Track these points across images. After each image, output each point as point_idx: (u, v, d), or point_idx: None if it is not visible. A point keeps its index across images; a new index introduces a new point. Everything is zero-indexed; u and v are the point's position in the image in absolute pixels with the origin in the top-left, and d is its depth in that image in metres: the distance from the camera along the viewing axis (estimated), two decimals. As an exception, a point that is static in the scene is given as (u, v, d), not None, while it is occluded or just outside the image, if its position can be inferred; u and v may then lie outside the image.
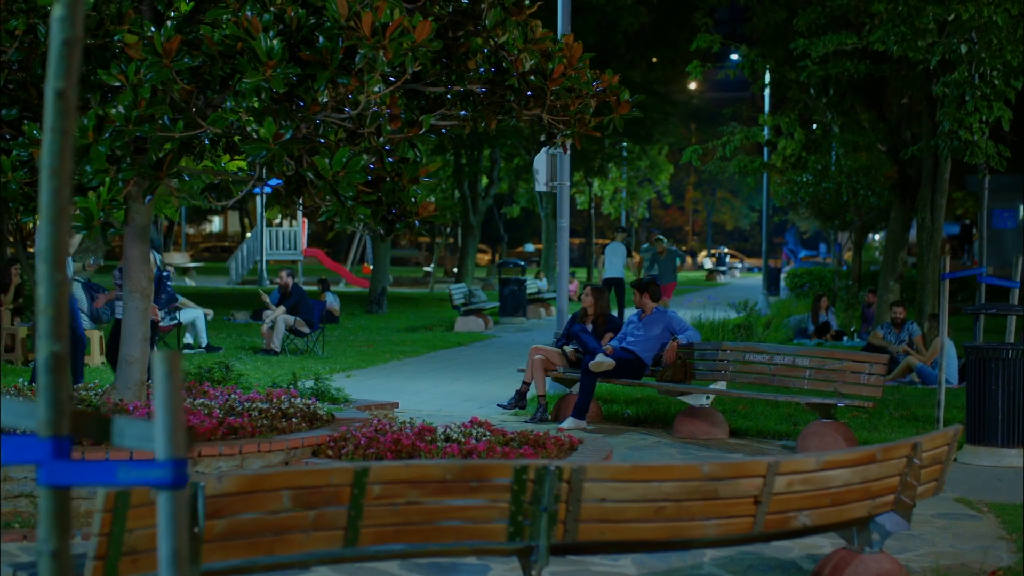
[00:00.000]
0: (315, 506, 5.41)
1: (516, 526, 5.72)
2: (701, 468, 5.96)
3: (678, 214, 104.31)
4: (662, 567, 7.40)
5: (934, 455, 6.77)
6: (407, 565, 7.24)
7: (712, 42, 19.80)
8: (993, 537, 8.38)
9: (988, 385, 11.06)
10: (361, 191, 8.57)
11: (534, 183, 16.25)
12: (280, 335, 20.40)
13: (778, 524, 6.22)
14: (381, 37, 7.79)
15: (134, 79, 7.99)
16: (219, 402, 9.87)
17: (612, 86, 9.63)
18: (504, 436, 9.60)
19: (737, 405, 14.25)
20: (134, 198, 9.59)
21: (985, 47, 12.19)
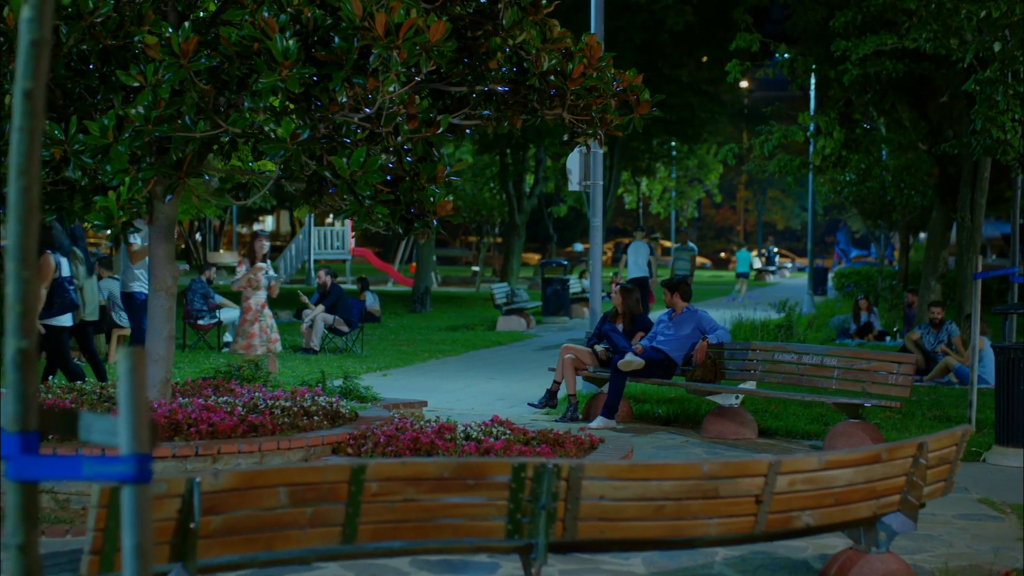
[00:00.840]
0: (312, 503, 5.45)
1: (515, 524, 5.74)
2: (701, 467, 5.96)
3: (730, 214, 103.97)
4: (672, 566, 7.39)
5: (941, 455, 6.73)
6: (417, 563, 7.27)
7: (751, 41, 19.73)
8: (1012, 539, 8.33)
9: (1017, 386, 10.97)
10: (379, 190, 8.62)
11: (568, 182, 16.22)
12: (319, 334, 20.52)
13: (781, 523, 6.21)
14: (395, 37, 7.83)
15: (152, 79, 8.07)
16: (243, 400, 9.95)
17: (632, 86, 9.62)
18: (525, 435, 9.62)
19: (769, 405, 14.21)
20: (158, 198, 9.70)
21: (1018, 45, 12.09)
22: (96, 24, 8.46)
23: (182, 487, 5.15)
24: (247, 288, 14.68)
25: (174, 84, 8.17)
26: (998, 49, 12.37)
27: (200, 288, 20.44)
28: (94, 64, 8.77)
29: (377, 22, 7.76)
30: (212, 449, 8.70)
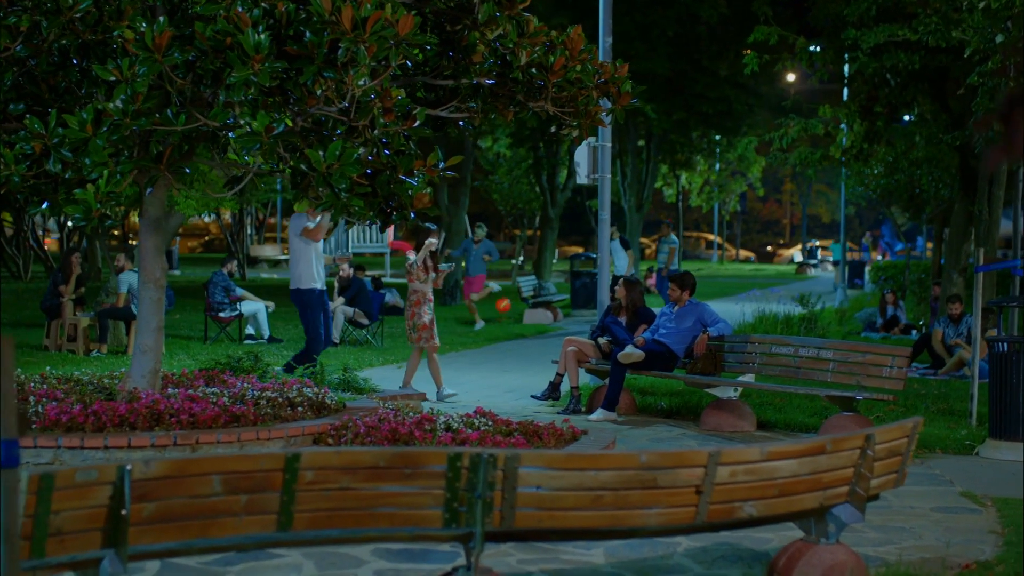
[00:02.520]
0: (247, 491, 5.53)
1: (452, 513, 5.80)
2: (639, 457, 6.00)
3: (775, 207, 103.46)
4: (633, 556, 7.43)
5: (891, 447, 6.73)
6: (379, 551, 7.35)
7: (769, 34, 19.67)
8: (984, 531, 8.30)
9: (1010, 379, 10.92)
10: (356, 183, 8.69)
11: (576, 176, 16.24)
12: (339, 326, 20.64)
13: (723, 514, 6.24)
14: (362, 31, 7.90)
15: (128, 73, 8.18)
16: (234, 391, 10.07)
17: (614, 77, 9.65)
18: (508, 426, 9.67)
19: (774, 398, 14.19)
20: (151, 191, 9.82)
21: (1019, 36, 12.01)
22: (76, 19, 8.58)
23: (113, 474, 5.24)
24: (415, 280, 14.43)
25: (151, 78, 8.27)
26: (1000, 41, 12.30)
27: (221, 281, 20.61)
28: (75, 59, 8.89)
29: (344, 16, 7.84)
30: (191, 439, 8.83)
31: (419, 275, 14.31)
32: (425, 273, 14.32)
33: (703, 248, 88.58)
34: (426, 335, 14.25)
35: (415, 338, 14.33)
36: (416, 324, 14.30)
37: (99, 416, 8.95)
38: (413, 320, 14.33)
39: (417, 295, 14.35)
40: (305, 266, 14.18)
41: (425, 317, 14.29)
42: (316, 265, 14.23)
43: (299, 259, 14.19)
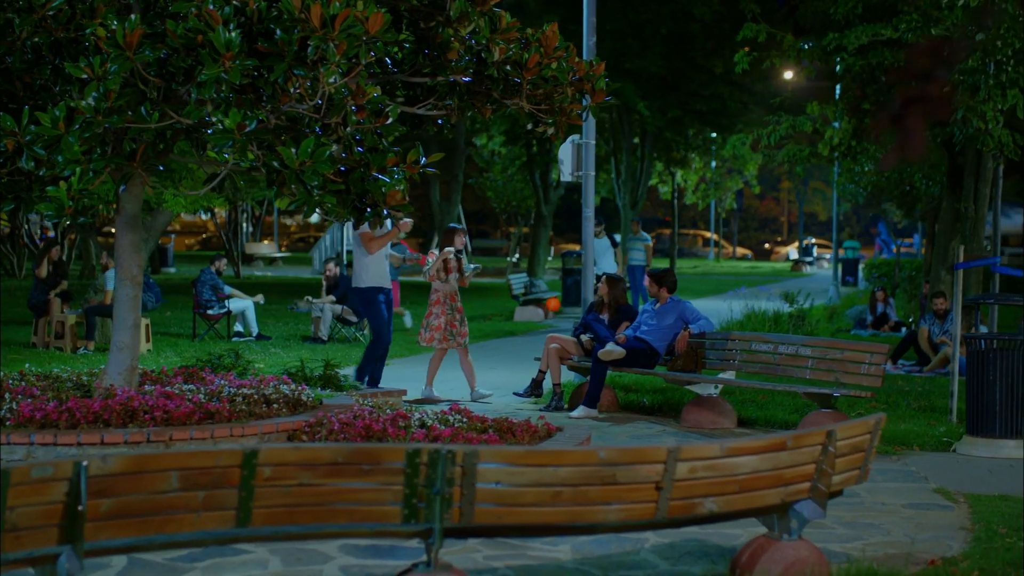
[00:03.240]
0: (205, 487, 5.55)
1: (411, 509, 5.82)
2: (598, 453, 6.03)
3: (773, 205, 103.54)
4: (599, 552, 7.46)
5: (853, 443, 6.76)
6: (346, 547, 7.38)
7: (758, 32, 19.68)
8: (954, 527, 8.32)
9: (987, 376, 10.95)
10: (329, 180, 8.71)
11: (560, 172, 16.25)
12: (327, 324, 20.68)
13: (683, 510, 6.26)
14: (331, 29, 7.92)
15: (100, 71, 8.20)
16: (212, 388, 10.09)
17: (589, 74, 9.67)
18: (483, 423, 9.69)
19: (757, 395, 14.22)
20: (126, 188, 9.84)
21: (998, 35, 12.03)
22: (48, 17, 8.60)
23: (69, 471, 5.26)
24: (435, 279, 14.22)
25: (123, 75, 8.29)
26: (980, 38, 12.32)
27: (209, 279, 20.64)
28: (47, 56, 8.91)
29: (313, 14, 7.86)
30: (164, 436, 8.85)
31: (440, 275, 14.16)
32: (447, 273, 14.17)
33: (700, 245, 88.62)
34: (439, 336, 14.13)
35: (426, 338, 14.25)
36: (429, 324, 14.20)
37: (73, 413, 8.97)
38: (427, 320, 14.25)
39: (436, 295, 14.22)
40: (363, 265, 13.78)
41: (439, 319, 14.12)
42: (379, 264, 13.82)
43: (359, 258, 13.81)
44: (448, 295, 14.14)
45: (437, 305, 14.13)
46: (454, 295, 14.22)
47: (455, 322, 14.14)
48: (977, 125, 12.51)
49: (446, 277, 14.08)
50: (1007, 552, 7.52)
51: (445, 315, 14.06)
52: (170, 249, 49.50)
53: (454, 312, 14.16)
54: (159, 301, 19.04)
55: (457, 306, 14.24)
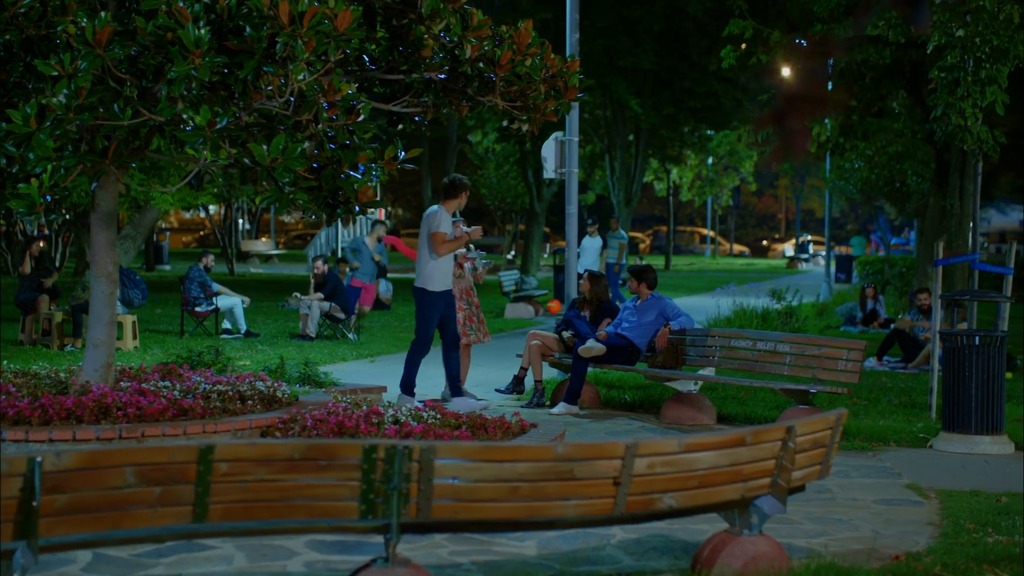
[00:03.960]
0: (161, 483, 5.57)
1: (368, 504, 5.85)
2: (555, 449, 6.05)
3: (772, 201, 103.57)
4: (565, 548, 7.48)
5: (815, 439, 6.79)
6: (313, 544, 7.40)
7: (744, 28, 19.69)
8: (923, 523, 8.34)
9: (962, 372, 10.97)
10: (300, 177, 8.73)
11: (544, 169, 16.26)
12: (315, 321, 20.71)
13: (642, 505, 6.29)
14: (299, 25, 7.94)
15: (70, 69, 8.22)
16: (188, 384, 10.11)
17: (561, 71, 9.69)
18: (457, 419, 9.71)
19: (738, 391, 14.25)
20: (101, 185, 9.86)
21: (977, 32, 12.04)
22: (19, 14, 8.61)
23: (23, 466, 5.28)
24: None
25: (94, 72, 8.30)
26: (961, 35, 12.33)
27: (197, 276, 20.67)
28: (18, 53, 8.92)
29: (281, 10, 7.88)
30: (136, 432, 8.87)
31: (455, 270, 13.92)
32: (459, 268, 14.02)
33: (697, 242, 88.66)
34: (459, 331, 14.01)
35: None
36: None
37: (46, 410, 8.98)
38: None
39: (452, 291, 14.10)
40: (431, 267, 12.98)
41: (457, 314, 13.86)
42: (446, 267, 13.10)
43: (425, 259, 13.03)
44: (464, 290, 14.04)
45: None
46: (470, 290, 14.12)
47: (472, 317, 14.07)
48: (956, 122, 12.53)
49: (459, 272, 13.98)
50: (972, 547, 7.54)
51: (463, 311, 13.95)
52: (165, 246, 49.53)
53: (471, 307, 14.09)
54: (145, 298, 19.05)
55: (474, 301, 14.15)
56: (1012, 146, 43.87)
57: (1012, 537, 7.80)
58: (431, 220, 12.97)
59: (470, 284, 14.10)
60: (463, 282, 14.02)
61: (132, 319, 18.53)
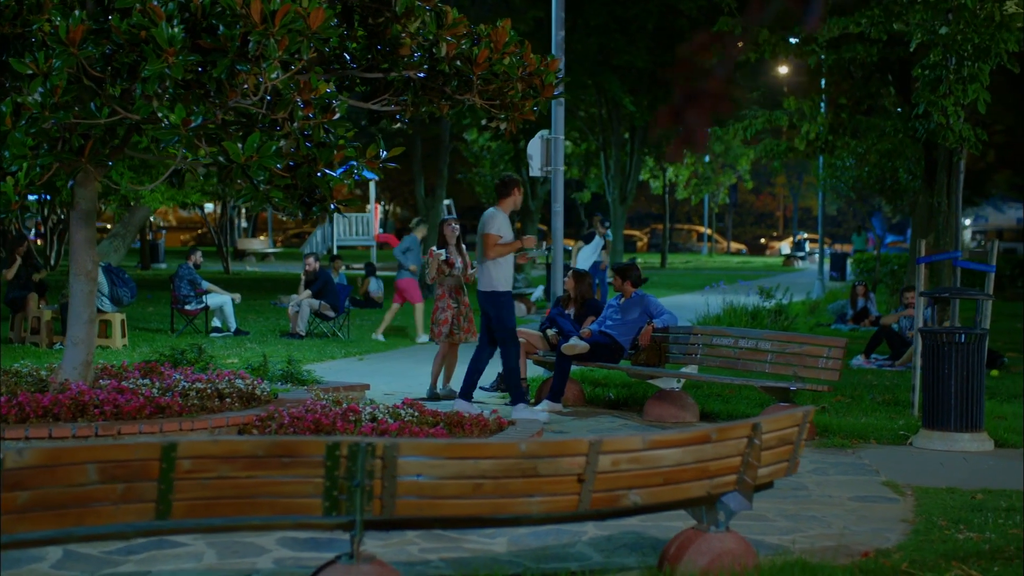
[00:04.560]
0: (123, 480, 5.59)
1: (332, 501, 5.86)
2: (518, 446, 6.07)
3: (770, 200, 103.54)
4: (535, 545, 7.50)
5: (781, 436, 6.80)
6: (284, 541, 7.42)
7: (733, 25, 19.70)
8: (896, 520, 8.36)
9: (942, 369, 10.99)
10: (276, 175, 8.75)
11: (530, 167, 16.27)
12: (305, 319, 20.72)
13: (607, 502, 6.30)
14: (271, 24, 7.96)
15: (44, 67, 8.24)
16: (168, 382, 10.14)
17: (538, 70, 9.71)
18: (435, 417, 9.74)
19: (723, 389, 14.26)
20: (79, 183, 9.88)
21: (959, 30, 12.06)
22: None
23: None
24: (438, 276, 13.93)
25: (69, 70, 8.33)
26: (943, 32, 12.34)
27: (187, 274, 20.68)
28: (-7, 52, 8.96)
29: (253, 9, 7.90)
30: (112, 430, 8.90)
31: (443, 271, 13.98)
32: (449, 267, 14.03)
33: (694, 240, 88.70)
34: (446, 330, 14.02)
35: (435, 332, 14.05)
36: (437, 319, 14.08)
37: (23, 407, 9.01)
38: (435, 315, 14.14)
39: (441, 290, 14.05)
40: (489, 269, 12.77)
41: (445, 312, 13.95)
42: (504, 267, 12.87)
43: (483, 261, 12.77)
44: (453, 289, 14.05)
45: (443, 299, 14.05)
46: (459, 289, 14.13)
47: (461, 316, 14.06)
48: (938, 120, 12.56)
49: (448, 271, 13.98)
50: (942, 544, 7.56)
51: (451, 309, 13.94)
52: (161, 245, 49.54)
53: (460, 306, 14.08)
54: (134, 296, 19.05)
55: (463, 300, 14.15)
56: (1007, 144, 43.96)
57: (983, 533, 7.81)
58: (484, 222, 12.85)
59: (459, 283, 14.10)
60: (452, 281, 14.02)
61: (121, 317, 18.54)
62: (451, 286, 13.93)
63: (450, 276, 13.90)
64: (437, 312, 13.96)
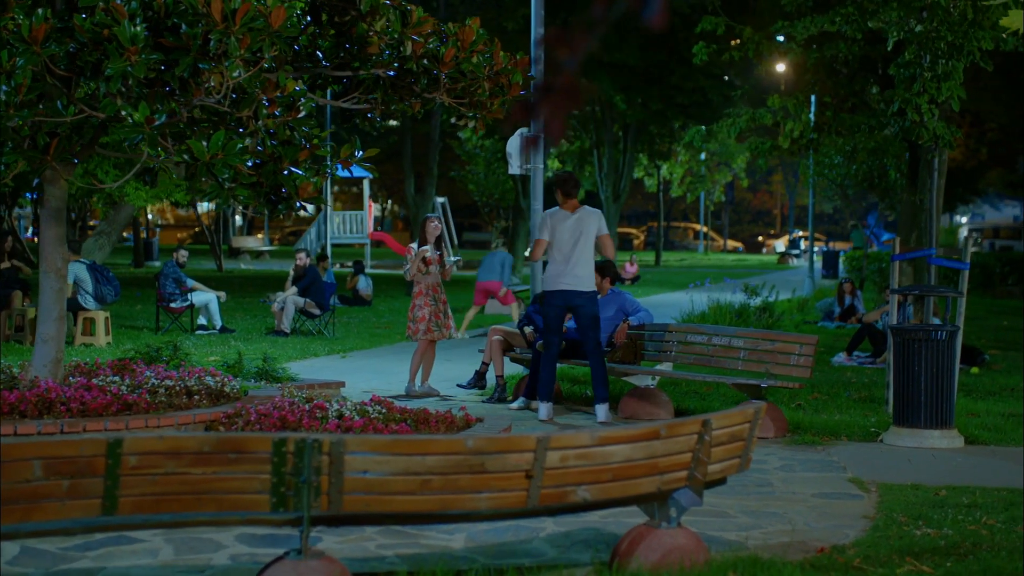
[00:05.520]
0: (69, 476, 5.62)
1: (279, 497, 5.90)
2: (465, 442, 6.10)
3: (767, 198, 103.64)
4: (492, 541, 7.52)
5: (732, 432, 6.83)
6: (243, 537, 7.45)
7: (717, 24, 19.73)
8: (857, 516, 8.38)
9: (912, 366, 11.02)
10: (241, 172, 8.79)
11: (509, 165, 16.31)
12: (290, 316, 20.76)
13: (556, 498, 6.33)
14: (232, 23, 7.99)
15: (7, 66, 8.27)
16: (139, 379, 10.17)
17: (504, 68, 9.74)
18: (403, 413, 9.77)
19: (701, 386, 14.31)
20: (48, 181, 9.91)
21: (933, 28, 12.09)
22: (-42, 12, 8.66)
23: None
24: (417, 273, 14.01)
25: (34, 69, 8.35)
26: (919, 30, 12.37)
27: (172, 272, 20.72)
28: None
29: (213, 8, 7.93)
30: (78, 427, 8.92)
31: (420, 269, 13.99)
32: (427, 265, 14.04)
33: (691, 238, 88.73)
34: (423, 327, 14.02)
35: (412, 330, 14.06)
36: (414, 316, 14.06)
37: (-12, 404, 9.04)
38: (412, 312, 14.14)
39: (419, 287, 14.04)
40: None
41: (423, 310, 13.96)
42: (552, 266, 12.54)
43: (587, 260, 12.43)
44: (431, 287, 14.05)
45: (420, 297, 14.04)
46: (437, 287, 14.11)
47: (439, 313, 14.07)
48: (912, 118, 12.59)
49: (427, 269, 14.00)
50: (899, 540, 7.59)
51: (429, 306, 13.95)
52: (155, 243, 49.60)
53: (438, 303, 14.08)
54: (118, 295, 19.08)
55: (441, 297, 14.13)
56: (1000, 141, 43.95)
57: (940, 530, 7.84)
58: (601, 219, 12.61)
59: (437, 280, 14.12)
60: (430, 278, 14.04)
61: (105, 315, 18.58)
62: (429, 284, 13.95)
63: (428, 274, 13.92)
64: (415, 310, 13.98)
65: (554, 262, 12.33)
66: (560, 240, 12.24)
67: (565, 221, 12.25)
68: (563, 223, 12.26)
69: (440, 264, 14.09)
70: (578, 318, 12.29)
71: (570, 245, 12.20)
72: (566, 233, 12.25)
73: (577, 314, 12.28)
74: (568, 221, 12.22)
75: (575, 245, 12.20)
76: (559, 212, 12.32)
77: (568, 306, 12.31)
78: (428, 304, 13.93)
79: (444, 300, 14.17)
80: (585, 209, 12.37)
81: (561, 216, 12.26)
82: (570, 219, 12.22)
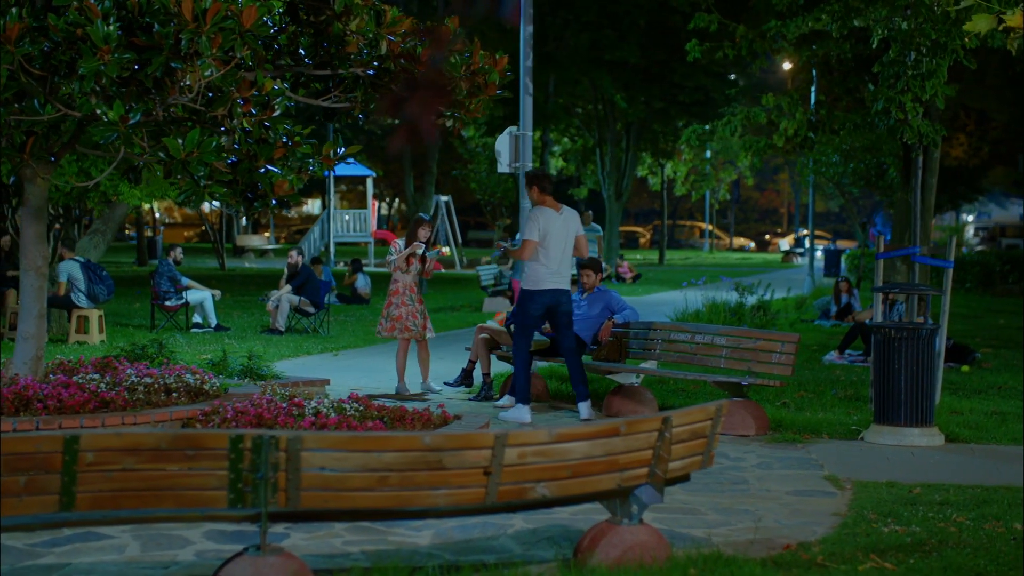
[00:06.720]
0: (26, 472, 5.67)
1: (237, 493, 5.94)
2: (422, 439, 6.13)
3: (774, 196, 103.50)
4: (459, 537, 7.56)
5: (693, 430, 6.86)
6: (211, 533, 7.50)
7: (710, 21, 19.68)
8: (828, 514, 8.40)
9: (892, 364, 11.04)
10: (216, 170, 8.82)
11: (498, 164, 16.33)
12: (285, 314, 20.79)
13: (515, 494, 6.37)
14: (203, 22, 8.02)
15: (-19, 65, 8.32)
16: (118, 376, 10.20)
17: (481, 68, 9.77)
18: (380, 411, 9.79)
19: (688, 384, 14.33)
20: (28, 179, 9.95)
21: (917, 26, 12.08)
22: (-66, 12, 8.70)
23: None
24: (396, 271, 13.97)
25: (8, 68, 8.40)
26: (905, 28, 12.37)
27: (167, 270, 20.77)
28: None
29: (184, 8, 7.96)
30: (53, 424, 8.97)
31: (402, 266, 13.99)
32: (408, 264, 14.03)
33: (697, 236, 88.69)
34: (400, 326, 14.00)
35: (386, 328, 14.04)
36: (389, 315, 14.06)
37: (-33, 402, 9.09)
38: (388, 310, 14.13)
39: (396, 285, 14.05)
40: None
41: (400, 309, 13.95)
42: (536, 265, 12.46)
43: (569, 260, 12.58)
44: (407, 286, 14.08)
45: (396, 295, 14.04)
46: (413, 286, 14.16)
47: (416, 313, 14.07)
48: (896, 116, 12.58)
49: (407, 268, 14.01)
50: (865, 537, 7.61)
51: (405, 305, 13.95)
52: (159, 241, 49.68)
53: (414, 303, 14.09)
54: (111, 293, 19.12)
55: (417, 297, 14.16)
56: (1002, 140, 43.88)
57: (909, 527, 7.86)
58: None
59: (416, 281, 14.14)
60: (408, 278, 14.05)
61: (98, 313, 18.64)
62: (407, 283, 13.98)
63: (407, 273, 13.94)
64: (391, 307, 13.97)
65: (538, 262, 12.25)
66: (552, 241, 12.20)
67: (555, 222, 12.22)
68: (554, 224, 12.23)
69: (421, 264, 14.10)
70: (557, 317, 12.31)
71: (560, 246, 12.22)
72: (558, 234, 12.24)
73: (557, 313, 12.28)
74: (557, 222, 12.22)
75: (564, 246, 12.23)
76: (547, 212, 12.25)
77: (550, 305, 12.25)
78: (405, 303, 13.94)
79: (420, 300, 14.18)
80: (567, 209, 12.40)
81: (551, 216, 12.23)
82: (558, 220, 12.23)
